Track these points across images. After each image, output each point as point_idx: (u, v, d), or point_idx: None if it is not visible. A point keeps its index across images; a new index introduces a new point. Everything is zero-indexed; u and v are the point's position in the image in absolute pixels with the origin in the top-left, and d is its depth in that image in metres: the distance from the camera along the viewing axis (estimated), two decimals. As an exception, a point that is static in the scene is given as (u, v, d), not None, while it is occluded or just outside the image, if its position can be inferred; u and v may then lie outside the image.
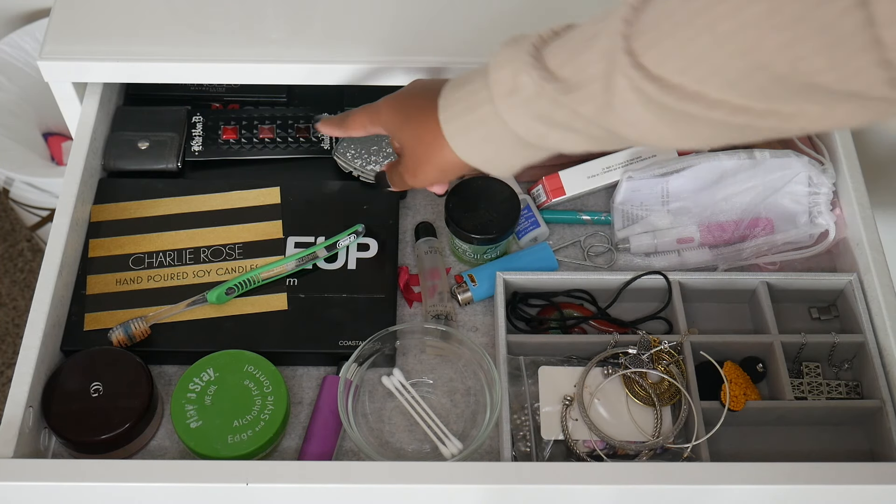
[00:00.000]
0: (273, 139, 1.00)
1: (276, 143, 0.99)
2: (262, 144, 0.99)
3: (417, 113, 0.73)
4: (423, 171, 0.75)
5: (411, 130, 0.74)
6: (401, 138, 0.77)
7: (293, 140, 0.99)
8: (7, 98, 1.51)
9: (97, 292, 0.89)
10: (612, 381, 0.86)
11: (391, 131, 0.78)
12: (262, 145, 0.99)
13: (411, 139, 0.75)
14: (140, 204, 0.95)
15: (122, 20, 0.95)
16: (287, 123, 1.01)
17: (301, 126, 1.01)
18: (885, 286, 0.87)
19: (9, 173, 1.42)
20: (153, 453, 0.83)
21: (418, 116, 0.73)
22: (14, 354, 1.65)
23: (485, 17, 0.95)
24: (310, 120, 1.01)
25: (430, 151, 0.73)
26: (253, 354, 0.84)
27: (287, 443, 0.84)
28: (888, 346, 0.85)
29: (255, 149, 0.99)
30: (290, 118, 1.01)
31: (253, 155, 0.99)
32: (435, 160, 0.73)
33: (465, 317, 0.91)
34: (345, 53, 0.92)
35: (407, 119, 0.75)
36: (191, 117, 1.01)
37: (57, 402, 0.80)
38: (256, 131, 1.00)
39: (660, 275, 0.90)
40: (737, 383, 0.84)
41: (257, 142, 1.00)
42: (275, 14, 0.96)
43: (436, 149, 0.72)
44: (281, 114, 1.02)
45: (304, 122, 1.01)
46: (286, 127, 1.00)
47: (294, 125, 1.01)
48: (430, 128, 0.71)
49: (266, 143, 0.99)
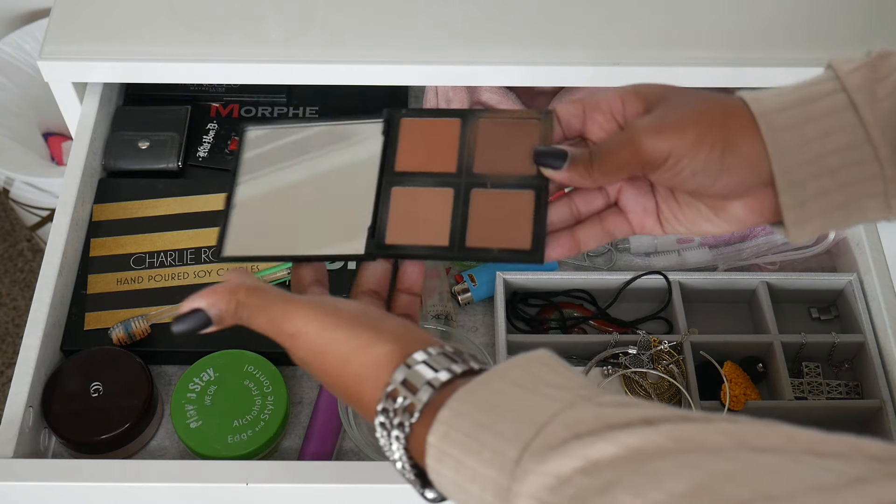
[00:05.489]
0: None
1: None
2: None
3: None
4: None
5: None
6: None
7: None
8: (7, 98, 1.51)
9: (98, 292, 0.89)
10: (612, 381, 0.86)
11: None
12: None
13: None
14: (141, 204, 0.95)
15: (122, 20, 0.95)
16: None
17: None
18: (885, 286, 0.87)
19: (9, 173, 1.42)
20: (153, 453, 0.83)
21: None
22: (14, 354, 1.64)
23: (485, 16, 0.95)
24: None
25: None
26: (253, 354, 0.84)
27: (287, 443, 0.84)
28: (888, 346, 0.85)
29: None
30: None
31: None
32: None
33: (465, 317, 0.91)
34: (345, 53, 0.92)
35: None
36: (207, 122, 1.01)
37: (57, 401, 0.80)
38: None
39: (660, 275, 0.90)
40: (737, 383, 0.84)
41: None
42: (275, 14, 0.96)
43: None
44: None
45: None
46: None
47: None
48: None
49: None
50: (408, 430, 0.49)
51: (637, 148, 0.54)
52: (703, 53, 0.92)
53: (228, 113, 1.04)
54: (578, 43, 0.93)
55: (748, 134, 0.54)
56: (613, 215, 0.60)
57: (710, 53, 0.92)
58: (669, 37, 0.93)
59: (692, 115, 0.55)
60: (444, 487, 0.47)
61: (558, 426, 0.43)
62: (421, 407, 0.48)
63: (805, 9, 0.95)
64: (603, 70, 0.91)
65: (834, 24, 0.94)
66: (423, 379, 0.49)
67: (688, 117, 0.55)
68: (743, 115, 0.55)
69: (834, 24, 0.94)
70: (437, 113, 0.63)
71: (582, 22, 0.94)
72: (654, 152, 0.54)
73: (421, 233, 0.59)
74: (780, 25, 0.94)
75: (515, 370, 0.47)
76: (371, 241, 0.59)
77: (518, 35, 0.93)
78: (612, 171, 0.56)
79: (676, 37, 0.93)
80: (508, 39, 0.93)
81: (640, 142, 0.54)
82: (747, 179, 0.55)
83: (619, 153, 0.55)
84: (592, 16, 0.95)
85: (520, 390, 0.46)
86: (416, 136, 0.62)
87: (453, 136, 0.61)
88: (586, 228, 0.60)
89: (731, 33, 0.94)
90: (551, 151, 0.57)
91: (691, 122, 0.55)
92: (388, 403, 0.49)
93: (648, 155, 0.54)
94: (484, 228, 0.58)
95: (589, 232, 0.60)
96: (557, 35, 0.93)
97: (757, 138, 0.54)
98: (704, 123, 0.55)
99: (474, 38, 0.93)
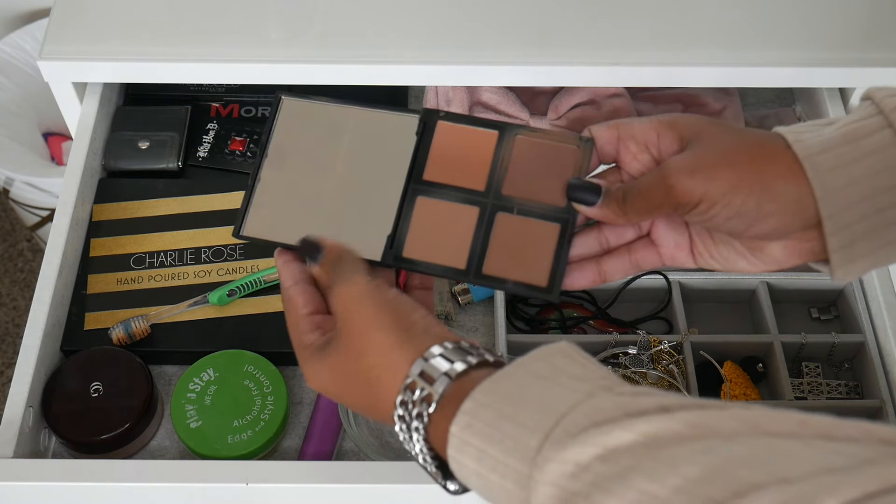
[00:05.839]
0: None
1: None
2: None
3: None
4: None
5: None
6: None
7: None
8: (7, 98, 1.51)
9: (98, 292, 0.89)
10: (612, 381, 0.86)
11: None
12: None
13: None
14: (141, 204, 0.95)
15: (122, 20, 0.95)
16: None
17: None
18: (885, 286, 0.87)
19: (9, 173, 1.42)
20: (153, 453, 0.83)
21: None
22: (14, 354, 1.65)
23: (485, 16, 0.95)
24: None
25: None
26: (253, 354, 0.84)
27: (287, 443, 0.84)
28: (888, 346, 0.85)
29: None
30: None
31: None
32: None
33: (465, 317, 0.91)
34: (345, 53, 0.92)
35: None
36: (207, 122, 1.01)
37: (57, 401, 0.80)
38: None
39: (660, 275, 0.90)
40: (737, 383, 0.84)
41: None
42: (275, 14, 0.96)
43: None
44: None
45: None
46: None
47: None
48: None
49: None
50: (426, 421, 0.49)
51: (670, 189, 0.54)
52: (703, 53, 0.92)
53: (228, 113, 1.04)
54: (578, 43, 0.93)
55: (789, 177, 0.53)
56: (644, 247, 0.60)
57: (710, 53, 0.92)
58: (669, 37, 0.93)
59: (727, 157, 0.54)
60: (464, 477, 0.48)
61: (578, 415, 0.44)
62: (438, 397, 0.49)
63: (805, 8, 0.95)
64: (603, 70, 0.91)
65: (834, 24, 0.94)
66: (440, 370, 0.50)
67: (722, 159, 0.54)
68: (782, 156, 0.53)
69: (834, 24, 0.94)
70: (476, 121, 0.61)
71: (582, 22, 0.94)
72: (686, 195, 0.53)
73: (439, 251, 0.58)
74: (781, 25, 0.94)
75: (537, 362, 0.49)
76: (389, 251, 0.59)
77: (518, 35, 0.93)
78: (645, 212, 0.55)
79: (676, 37, 0.93)
80: (508, 39, 0.93)
81: (672, 183, 0.53)
82: (788, 224, 0.54)
83: (653, 194, 0.55)
84: (592, 16, 0.95)
85: (541, 381, 0.47)
86: (450, 143, 0.61)
87: (488, 150, 0.60)
88: (613, 260, 0.60)
89: (732, 33, 0.94)
90: (586, 186, 0.57)
91: (726, 164, 0.53)
92: (407, 395, 0.50)
93: (681, 197, 0.53)
94: (503, 257, 0.58)
95: (616, 264, 0.60)
96: (557, 35, 0.93)
97: (799, 181, 0.53)
98: (740, 166, 0.53)
99: (474, 38, 0.93)
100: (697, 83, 0.91)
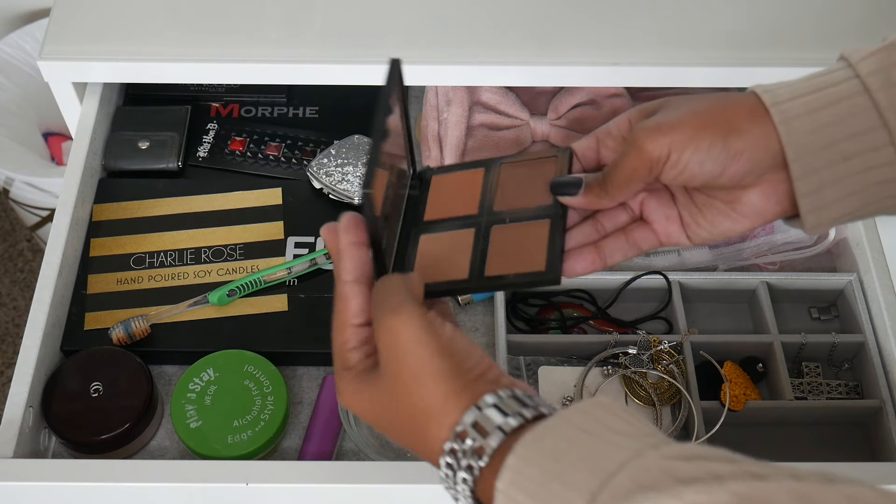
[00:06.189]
0: (277, 157, 0.99)
1: (279, 161, 0.99)
2: (265, 161, 0.99)
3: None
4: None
5: None
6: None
7: (296, 161, 0.99)
8: (7, 98, 1.51)
9: (98, 292, 0.89)
10: (612, 381, 0.86)
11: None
12: (264, 161, 0.99)
13: None
14: (141, 204, 0.95)
15: (122, 20, 0.95)
16: (296, 144, 1.00)
17: (308, 149, 1.00)
18: (885, 286, 0.87)
19: (9, 173, 1.42)
20: (153, 453, 0.83)
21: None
22: (14, 354, 1.64)
23: (485, 16, 0.95)
24: (319, 144, 1.00)
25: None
26: (253, 354, 0.84)
27: (287, 443, 0.84)
28: (888, 346, 0.85)
29: (257, 164, 0.99)
30: (301, 140, 1.01)
31: (254, 170, 0.98)
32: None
33: (465, 317, 0.91)
34: (345, 53, 0.92)
35: None
36: (207, 122, 1.02)
37: (57, 401, 0.80)
38: (264, 147, 1.00)
39: (660, 275, 0.90)
40: (737, 383, 0.84)
41: (261, 157, 0.99)
42: (275, 14, 0.96)
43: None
44: (294, 134, 1.01)
45: (313, 146, 1.00)
46: (294, 147, 1.00)
47: (302, 147, 1.00)
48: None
49: (269, 160, 0.99)
50: (476, 474, 0.48)
51: (640, 151, 0.55)
52: (703, 53, 0.92)
53: (228, 113, 1.04)
54: (578, 43, 0.93)
55: (755, 119, 0.54)
56: (639, 228, 0.61)
57: (710, 53, 0.92)
58: (669, 37, 0.93)
59: (690, 111, 0.56)
60: None
61: (625, 477, 0.43)
62: (490, 452, 0.48)
63: (806, 8, 0.95)
64: (603, 70, 0.91)
65: (836, 24, 0.94)
66: (494, 424, 0.48)
67: (686, 113, 0.56)
68: (748, 102, 0.55)
69: (836, 24, 0.94)
70: (464, 166, 0.66)
71: (582, 22, 0.94)
72: (655, 150, 0.55)
73: (443, 271, 0.60)
74: (781, 25, 0.94)
75: (578, 415, 0.47)
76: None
77: (518, 35, 0.93)
78: (625, 182, 0.57)
79: (676, 37, 0.93)
80: (508, 39, 0.93)
81: (641, 145, 0.55)
82: (760, 159, 0.54)
83: (627, 162, 0.56)
84: (592, 16, 0.95)
85: (586, 436, 0.46)
86: (443, 188, 0.65)
87: (477, 184, 0.64)
88: (611, 241, 0.61)
89: (732, 33, 0.93)
90: (566, 181, 0.59)
91: (689, 116, 0.55)
92: (457, 444, 0.49)
93: (650, 154, 0.55)
94: (502, 259, 0.59)
95: (614, 245, 0.61)
96: (557, 35, 0.93)
97: (765, 123, 0.54)
98: (703, 115, 0.55)
99: (474, 38, 0.93)
100: (697, 83, 0.91)
